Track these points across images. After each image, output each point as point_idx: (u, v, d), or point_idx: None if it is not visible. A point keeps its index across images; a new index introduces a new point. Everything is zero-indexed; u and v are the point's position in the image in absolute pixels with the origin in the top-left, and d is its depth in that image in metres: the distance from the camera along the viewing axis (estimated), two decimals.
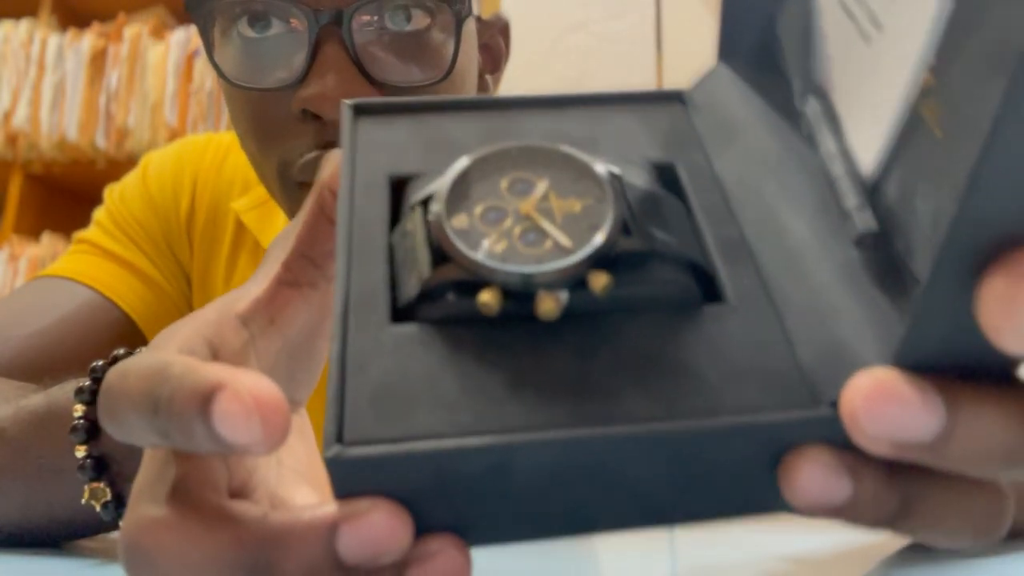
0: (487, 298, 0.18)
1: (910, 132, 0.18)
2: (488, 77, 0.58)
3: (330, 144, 0.44)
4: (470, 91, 0.50)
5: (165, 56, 1.89)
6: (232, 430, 0.16)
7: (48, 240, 1.90)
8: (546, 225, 0.19)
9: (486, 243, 0.19)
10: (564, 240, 0.19)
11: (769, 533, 0.42)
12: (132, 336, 0.58)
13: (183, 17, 2.03)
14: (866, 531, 0.18)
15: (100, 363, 0.33)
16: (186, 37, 1.91)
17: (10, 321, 0.53)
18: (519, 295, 0.18)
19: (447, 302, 0.19)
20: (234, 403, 0.16)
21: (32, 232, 1.94)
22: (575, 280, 0.18)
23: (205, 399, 0.16)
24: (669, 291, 0.19)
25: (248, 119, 0.47)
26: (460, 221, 0.19)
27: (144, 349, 0.32)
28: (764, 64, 0.24)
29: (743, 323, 0.19)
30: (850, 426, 0.16)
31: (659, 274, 0.19)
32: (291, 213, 0.48)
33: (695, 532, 0.48)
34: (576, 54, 1.79)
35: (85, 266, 0.58)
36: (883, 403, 0.15)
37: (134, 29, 1.93)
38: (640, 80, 1.66)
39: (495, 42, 0.59)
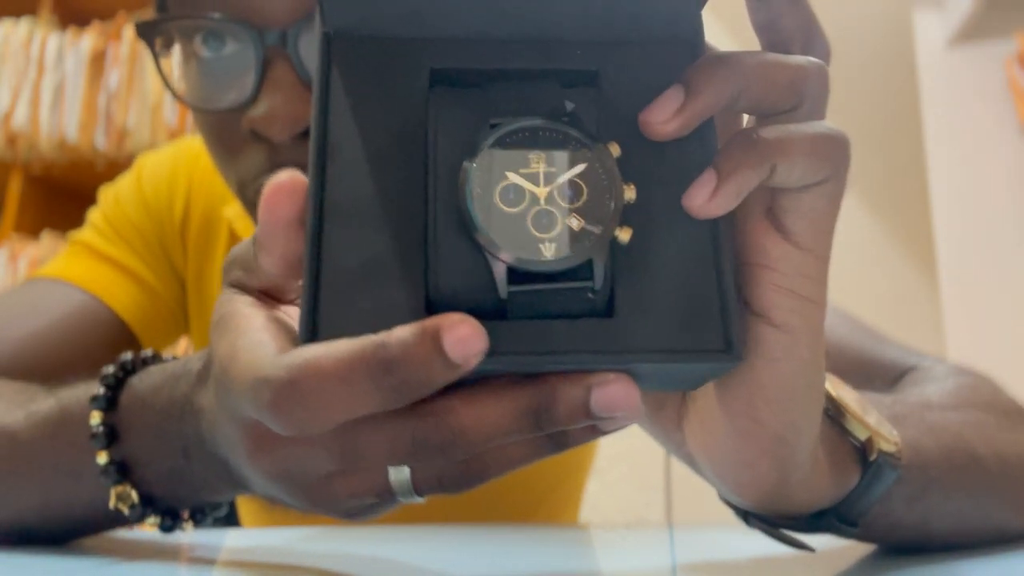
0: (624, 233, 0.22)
1: None
2: None
3: (280, 165, 0.43)
4: None
5: None
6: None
7: (48, 240, 1.90)
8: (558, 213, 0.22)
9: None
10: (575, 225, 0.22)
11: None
12: (125, 339, 0.58)
13: None
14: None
15: (110, 370, 0.33)
16: None
17: (4, 323, 0.53)
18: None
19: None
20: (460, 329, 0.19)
21: (32, 232, 1.94)
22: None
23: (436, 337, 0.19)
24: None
25: (207, 137, 0.47)
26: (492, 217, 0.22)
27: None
28: None
29: None
30: None
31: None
32: (249, 219, 0.49)
33: (696, 531, 0.48)
34: None
35: (79, 268, 0.58)
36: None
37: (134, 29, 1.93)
38: None
39: None
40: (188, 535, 0.42)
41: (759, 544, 0.37)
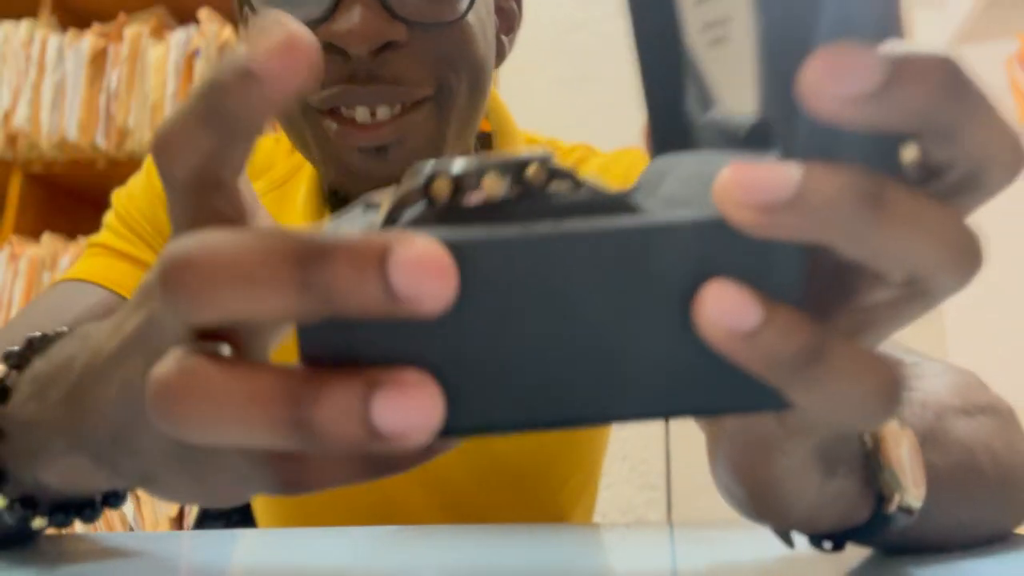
0: (440, 183, 0.18)
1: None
2: (504, 38, 0.61)
3: (352, 78, 0.47)
4: (488, 39, 0.54)
5: (165, 56, 1.89)
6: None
7: (48, 240, 1.90)
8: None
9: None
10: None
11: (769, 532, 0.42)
12: None
13: (183, 17, 2.03)
14: (774, 381, 0.18)
15: (14, 347, 0.30)
16: (186, 37, 1.91)
17: (30, 326, 0.54)
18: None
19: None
20: None
21: (32, 232, 1.94)
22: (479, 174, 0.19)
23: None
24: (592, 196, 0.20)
25: None
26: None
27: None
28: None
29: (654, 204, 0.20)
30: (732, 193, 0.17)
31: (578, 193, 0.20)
32: (313, 141, 0.51)
33: (697, 531, 0.48)
34: (576, 54, 1.79)
35: (97, 267, 0.59)
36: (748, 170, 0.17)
37: (134, 29, 1.93)
38: None
39: (508, 5, 0.62)
40: (189, 535, 0.42)
41: (759, 544, 0.37)
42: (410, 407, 0.16)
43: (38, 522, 0.30)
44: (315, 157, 0.52)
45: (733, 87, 0.22)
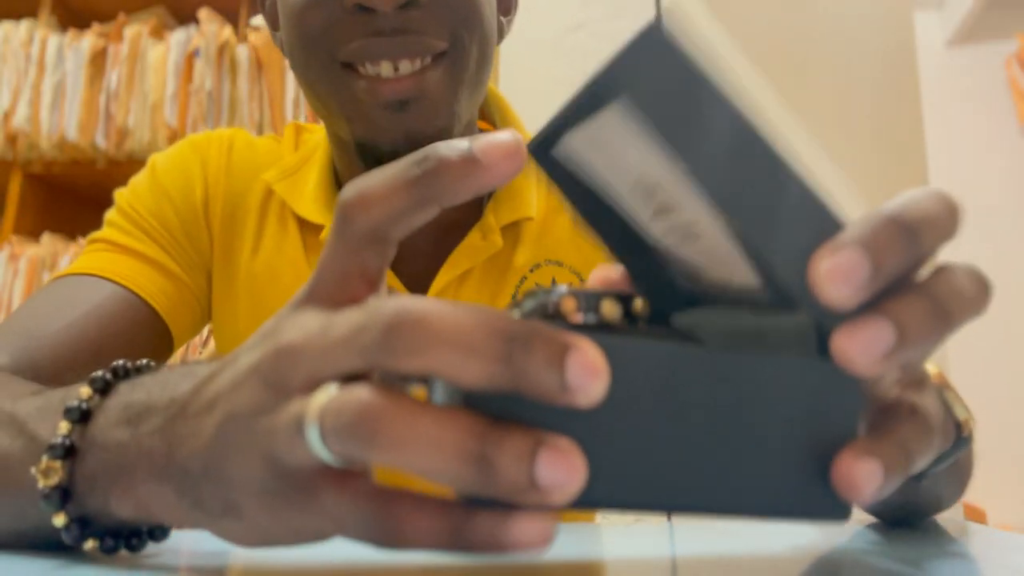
0: (568, 302, 0.23)
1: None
2: (502, 19, 0.65)
3: (379, 33, 0.52)
4: (492, 10, 0.59)
5: (165, 56, 1.89)
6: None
7: (48, 240, 1.90)
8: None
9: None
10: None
11: (766, 525, 0.42)
12: (156, 326, 0.58)
13: (183, 17, 2.03)
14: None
15: (100, 373, 0.31)
16: (186, 37, 1.91)
17: (36, 320, 0.53)
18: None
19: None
20: None
21: (32, 232, 1.94)
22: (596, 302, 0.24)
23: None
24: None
25: (300, 20, 0.54)
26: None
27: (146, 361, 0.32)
28: None
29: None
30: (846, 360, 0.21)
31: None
32: (341, 99, 0.55)
33: (694, 524, 0.48)
34: (576, 54, 1.79)
35: (104, 262, 0.59)
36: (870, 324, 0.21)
37: (134, 29, 1.93)
38: None
39: None
40: (189, 535, 0.42)
41: (756, 542, 0.37)
42: (565, 467, 0.19)
43: (89, 544, 0.30)
44: (342, 114, 0.56)
45: (720, 264, 0.26)
